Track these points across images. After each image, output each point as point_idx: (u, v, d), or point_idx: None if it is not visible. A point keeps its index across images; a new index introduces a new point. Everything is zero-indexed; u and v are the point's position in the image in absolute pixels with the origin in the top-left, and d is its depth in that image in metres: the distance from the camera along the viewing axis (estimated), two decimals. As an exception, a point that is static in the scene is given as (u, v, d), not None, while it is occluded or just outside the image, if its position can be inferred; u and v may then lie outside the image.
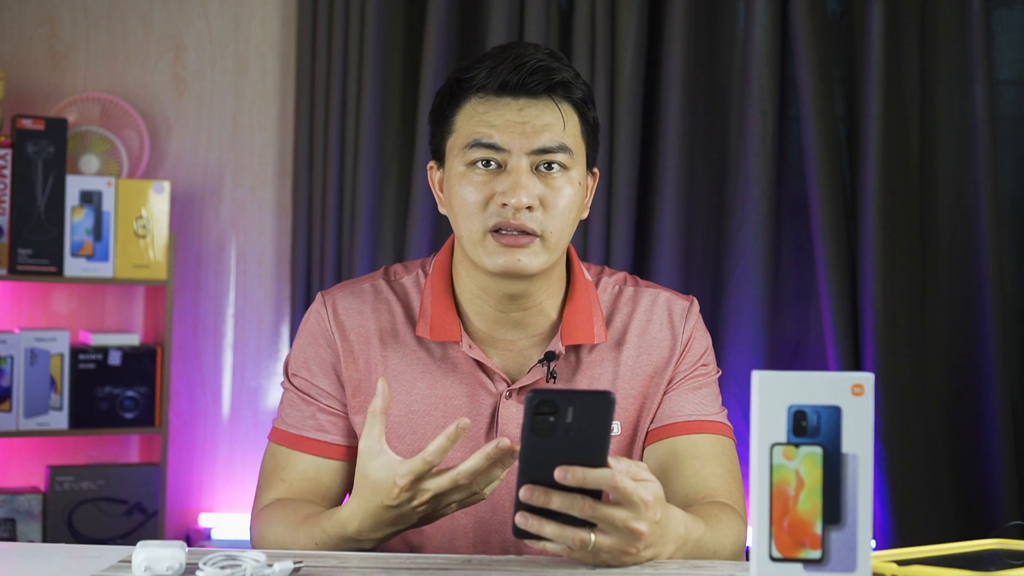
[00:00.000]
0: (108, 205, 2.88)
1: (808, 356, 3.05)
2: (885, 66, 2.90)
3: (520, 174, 1.41)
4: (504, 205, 1.40)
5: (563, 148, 1.43)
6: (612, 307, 1.55)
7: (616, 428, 1.50)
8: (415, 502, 1.25)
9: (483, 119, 1.43)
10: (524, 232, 1.41)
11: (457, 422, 1.21)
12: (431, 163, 1.54)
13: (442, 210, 1.52)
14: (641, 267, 3.02)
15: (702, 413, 1.51)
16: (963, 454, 2.94)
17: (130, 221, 2.90)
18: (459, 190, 1.44)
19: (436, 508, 1.27)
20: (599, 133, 1.53)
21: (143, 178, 3.03)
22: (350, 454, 1.52)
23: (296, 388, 1.54)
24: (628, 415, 1.51)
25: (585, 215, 1.51)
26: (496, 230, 1.41)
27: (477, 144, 1.42)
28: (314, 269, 3.07)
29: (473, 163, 1.43)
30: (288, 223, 3.16)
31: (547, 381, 1.48)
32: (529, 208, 1.40)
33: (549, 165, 1.43)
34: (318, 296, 1.56)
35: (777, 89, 2.96)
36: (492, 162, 1.42)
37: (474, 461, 1.21)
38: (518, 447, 1.19)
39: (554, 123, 1.43)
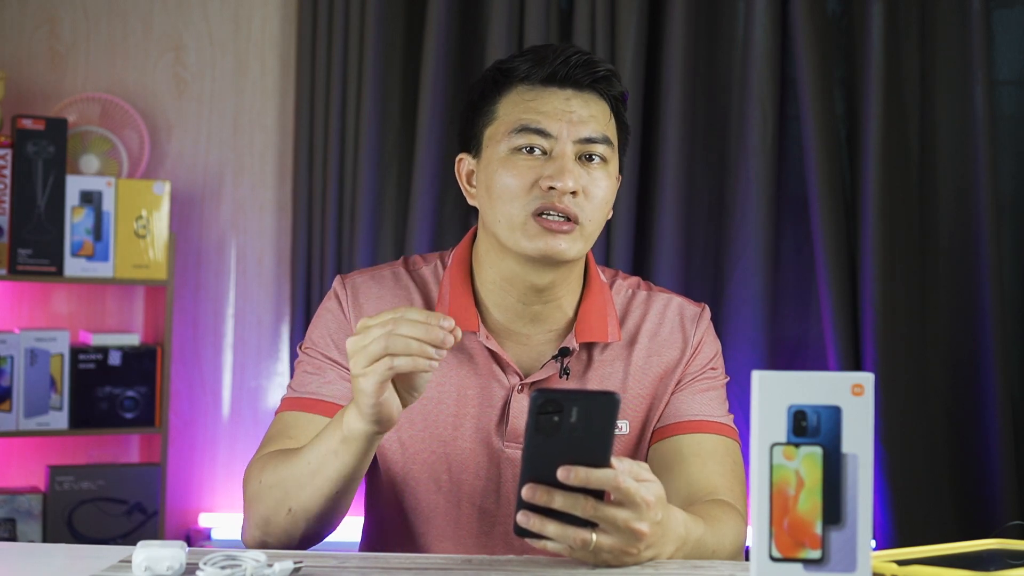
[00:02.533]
0: (108, 205, 2.88)
1: (808, 356, 3.05)
2: (885, 66, 2.91)
3: (567, 159, 1.44)
4: (551, 189, 1.42)
5: (606, 140, 1.47)
6: (625, 309, 1.57)
7: (624, 427, 1.51)
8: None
9: (530, 106, 1.46)
10: (567, 219, 1.43)
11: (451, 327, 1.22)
12: (461, 155, 1.55)
13: (471, 201, 1.53)
14: (641, 267, 3.02)
15: (708, 414, 1.53)
16: (963, 454, 2.94)
17: (130, 221, 2.90)
18: (501, 174, 1.45)
19: (361, 364, 1.24)
20: (628, 137, 1.55)
21: (143, 178, 3.03)
22: None
23: (311, 358, 1.52)
24: (637, 414, 1.52)
25: (609, 215, 1.52)
26: (539, 213, 1.43)
27: (525, 129, 1.45)
28: (314, 269, 3.07)
29: (518, 148, 1.45)
30: (288, 223, 3.16)
31: (560, 377, 1.49)
32: (573, 194, 1.43)
33: (590, 157, 1.46)
34: (337, 279, 1.56)
35: (777, 89, 2.96)
36: (537, 149, 1.45)
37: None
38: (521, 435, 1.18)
39: (599, 115, 1.47)
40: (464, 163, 1.54)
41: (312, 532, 1.38)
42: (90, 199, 2.87)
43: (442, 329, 1.22)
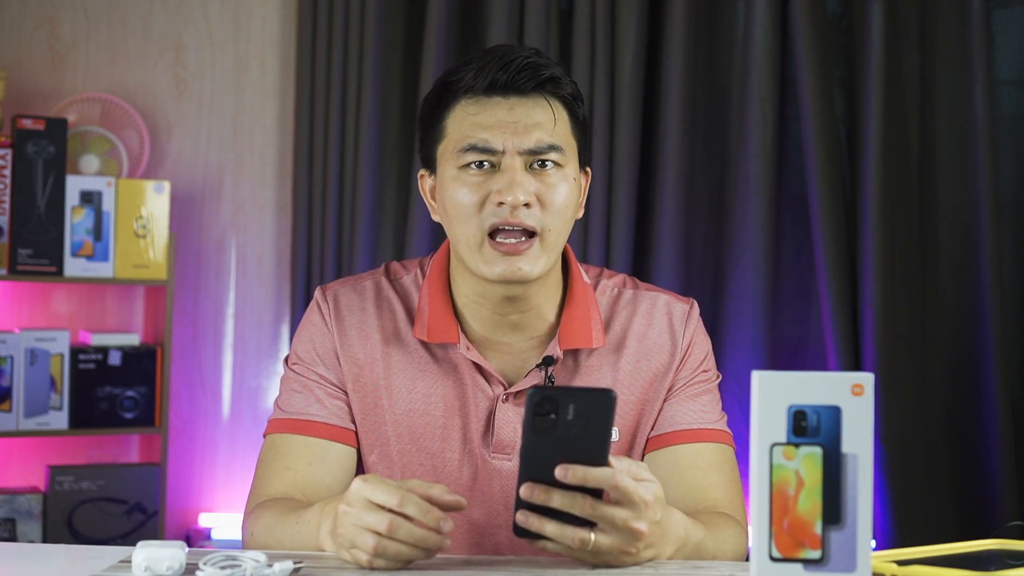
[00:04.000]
0: (108, 205, 2.88)
1: (808, 356, 3.04)
2: (885, 66, 2.91)
3: (515, 172, 1.40)
4: (501, 204, 1.39)
5: (554, 147, 1.42)
6: (611, 311, 1.53)
7: (614, 434, 1.47)
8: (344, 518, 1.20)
9: (474, 121, 1.42)
10: (523, 232, 1.40)
11: (457, 500, 1.20)
12: (422, 171, 1.52)
13: (435, 217, 1.50)
14: (641, 267, 3.02)
15: (703, 421, 1.50)
16: (963, 454, 2.94)
17: (130, 221, 2.90)
18: (453, 194, 1.42)
19: (349, 536, 1.20)
20: (590, 131, 1.52)
21: (143, 178, 3.03)
22: (358, 440, 1.50)
23: (298, 375, 1.51)
24: (627, 422, 1.49)
25: (580, 214, 1.50)
26: (494, 232, 1.40)
27: (472, 148, 1.41)
28: (314, 269, 3.07)
29: (467, 166, 1.42)
30: (288, 223, 3.16)
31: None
32: (527, 205, 1.39)
33: (543, 163, 1.42)
34: (318, 291, 1.54)
35: (777, 89, 2.96)
36: (486, 163, 1.41)
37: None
38: (513, 454, 1.16)
39: (545, 121, 1.43)
40: (426, 180, 1.52)
41: None
42: (90, 199, 2.87)
43: (440, 533, 1.18)
